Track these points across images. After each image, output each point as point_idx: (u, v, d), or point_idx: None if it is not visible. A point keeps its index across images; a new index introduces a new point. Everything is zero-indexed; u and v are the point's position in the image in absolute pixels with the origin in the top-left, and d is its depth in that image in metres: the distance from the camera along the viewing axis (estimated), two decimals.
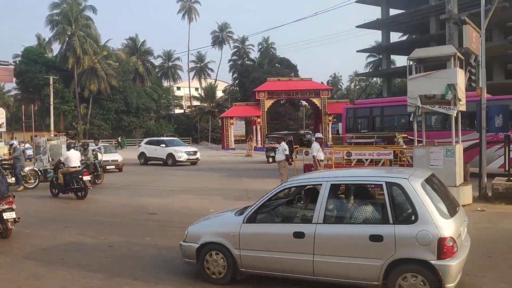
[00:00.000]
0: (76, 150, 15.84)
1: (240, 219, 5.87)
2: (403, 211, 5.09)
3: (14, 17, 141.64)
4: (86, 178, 14.09)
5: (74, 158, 14.47)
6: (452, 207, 5.36)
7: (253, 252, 5.67)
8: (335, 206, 5.66)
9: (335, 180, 5.72)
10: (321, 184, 5.62)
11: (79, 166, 14.52)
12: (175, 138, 33.79)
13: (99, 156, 18.74)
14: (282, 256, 5.48)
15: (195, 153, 27.48)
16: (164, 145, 27.66)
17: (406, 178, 5.16)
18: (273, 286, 5.77)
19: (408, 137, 15.73)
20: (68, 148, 15.12)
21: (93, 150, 18.24)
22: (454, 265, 4.70)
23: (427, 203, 4.91)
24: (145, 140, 31.48)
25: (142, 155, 28.71)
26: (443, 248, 4.69)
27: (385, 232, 4.94)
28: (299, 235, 5.36)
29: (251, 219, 5.79)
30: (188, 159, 26.91)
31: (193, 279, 6.12)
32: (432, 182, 5.53)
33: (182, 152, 27.02)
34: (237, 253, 5.75)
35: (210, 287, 5.90)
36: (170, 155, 26.83)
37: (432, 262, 4.70)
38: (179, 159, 26.53)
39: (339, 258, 5.15)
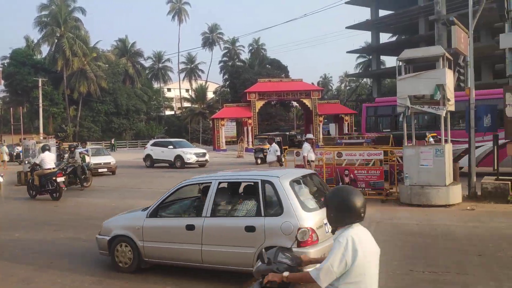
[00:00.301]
0: (51, 152, 15.84)
1: (144, 214, 6.54)
2: (273, 205, 5.74)
3: (2, 19, 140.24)
4: (60, 179, 14.25)
5: (48, 160, 14.63)
6: (322, 203, 5.83)
7: (154, 244, 6.30)
8: (222, 202, 6.34)
9: (222, 179, 6.43)
10: (211, 183, 6.24)
11: (53, 168, 14.65)
12: (182, 140, 32.68)
13: (87, 159, 18.58)
14: (177, 246, 6.10)
15: (204, 154, 26.43)
16: (171, 147, 26.82)
17: (277, 177, 5.82)
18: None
19: (438, 136, 14.37)
20: (43, 150, 15.13)
21: (80, 153, 18.04)
22: (312, 252, 5.14)
23: (292, 198, 5.56)
24: (151, 141, 30.50)
25: (148, 157, 27.70)
26: None
27: (257, 224, 5.61)
28: (190, 227, 6.00)
29: (153, 214, 6.46)
30: (197, 160, 25.89)
31: (188, 280, 6.09)
32: (306, 180, 6.27)
33: (191, 153, 26.06)
34: (141, 244, 6.38)
35: (197, 287, 5.92)
36: (179, 157, 25.87)
37: (293, 249, 5.00)
38: (188, 161, 25.53)
39: (222, 247, 5.80)
